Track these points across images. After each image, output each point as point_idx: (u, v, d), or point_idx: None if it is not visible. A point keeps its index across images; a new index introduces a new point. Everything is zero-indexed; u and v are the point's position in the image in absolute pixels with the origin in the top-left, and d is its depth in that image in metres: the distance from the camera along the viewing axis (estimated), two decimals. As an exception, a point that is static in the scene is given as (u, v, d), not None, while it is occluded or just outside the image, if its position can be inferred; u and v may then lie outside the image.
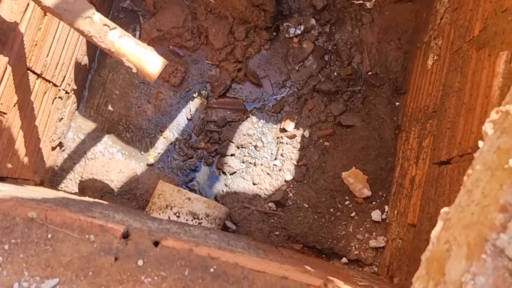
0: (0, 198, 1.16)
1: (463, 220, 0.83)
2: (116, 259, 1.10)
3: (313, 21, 2.78)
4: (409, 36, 2.69)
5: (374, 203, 2.49)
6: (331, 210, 2.51)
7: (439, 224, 0.93)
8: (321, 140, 2.65)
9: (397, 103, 2.65)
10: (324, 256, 2.50)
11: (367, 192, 2.48)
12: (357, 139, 2.61)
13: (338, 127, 2.66)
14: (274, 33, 2.79)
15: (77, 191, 2.58)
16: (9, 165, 2.09)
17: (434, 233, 0.93)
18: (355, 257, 2.45)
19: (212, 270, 1.10)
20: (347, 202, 2.51)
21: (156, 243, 1.14)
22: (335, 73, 2.74)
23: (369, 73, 2.71)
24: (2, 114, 1.94)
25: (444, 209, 0.93)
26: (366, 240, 2.45)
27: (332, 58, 2.77)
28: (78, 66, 2.52)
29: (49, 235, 1.12)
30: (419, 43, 2.55)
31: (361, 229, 2.47)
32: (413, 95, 2.47)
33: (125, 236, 1.15)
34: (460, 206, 0.88)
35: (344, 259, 2.47)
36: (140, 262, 1.10)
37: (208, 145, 2.68)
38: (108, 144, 2.66)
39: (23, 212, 1.13)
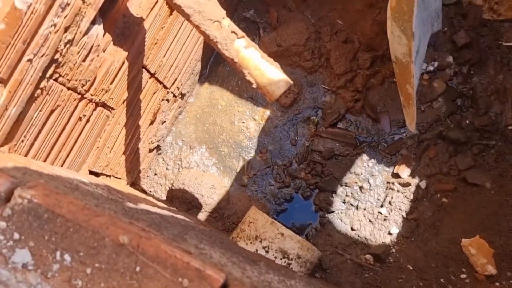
0: (93, 210, 1.00)
1: None
2: (208, 316, 0.89)
3: (450, 59, 2.44)
4: None
5: (497, 284, 2.06)
6: (441, 280, 2.12)
7: None
8: (438, 195, 2.29)
9: (541, 168, 2.20)
10: (422, 331, 2.12)
11: (491, 270, 2.06)
12: (485, 202, 2.20)
13: (461, 184, 2.28)
14: (403, 66, 2.48)
15: (165, 198, 2.47)
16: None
17: None
18: None
19: None
20: (463, 276, 2.11)
21: (258, 306, 0.91)
22: (467, 121, 2.36)
23: (510, 127, 2.30)
24: (110, 110, 1.87)
25: None
26: (484, 329, 2.04)
27: (466, 103, 2.40)
28: (190, 71, 2.42)
29: (138, 268, 0.94)
30: None
31: (479, 313, 2.06)
32: None
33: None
34: None
35: None
36: (236, 328, 0.88)
37: (309, 176, 2.43)
38: (205, 156, 2.52)
39: (114, 234, 0.97)
